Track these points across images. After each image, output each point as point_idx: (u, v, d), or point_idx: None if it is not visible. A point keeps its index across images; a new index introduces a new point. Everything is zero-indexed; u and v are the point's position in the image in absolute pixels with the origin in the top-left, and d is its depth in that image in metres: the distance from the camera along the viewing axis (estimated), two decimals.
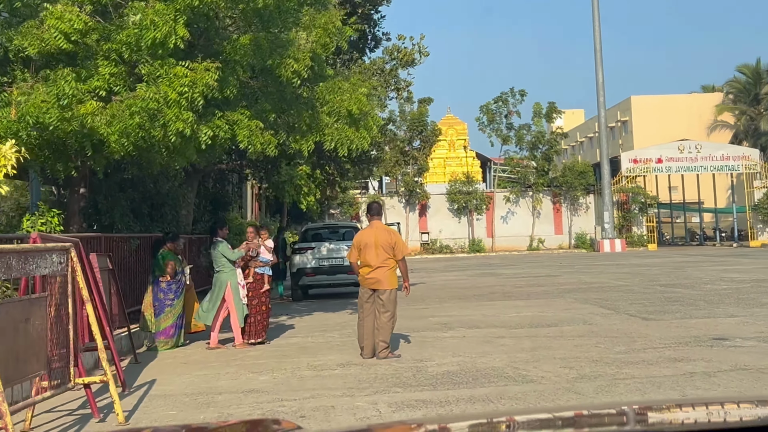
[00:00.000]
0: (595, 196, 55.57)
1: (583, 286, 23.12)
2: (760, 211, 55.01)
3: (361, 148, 13.49)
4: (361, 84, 14.13)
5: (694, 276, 25.56)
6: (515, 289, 23.02)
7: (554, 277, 27.33)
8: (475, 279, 28.37)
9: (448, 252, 53.09)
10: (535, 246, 54.11)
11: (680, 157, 55.52)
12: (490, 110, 56.12)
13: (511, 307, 17.58)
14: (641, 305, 16.84)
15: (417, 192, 53.70)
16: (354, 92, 13.42)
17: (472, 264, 40.07)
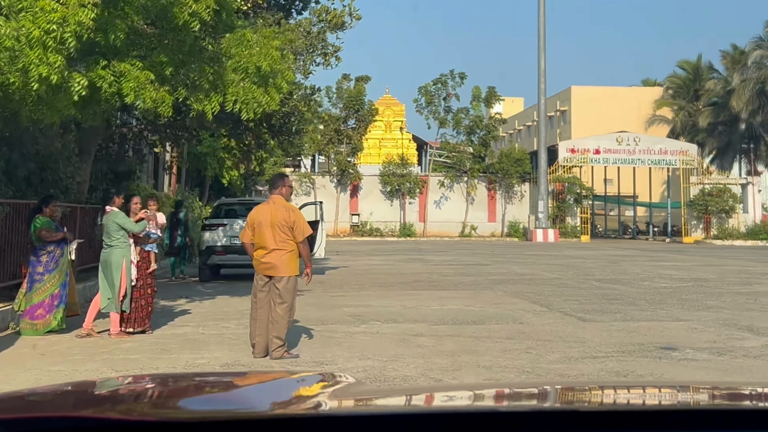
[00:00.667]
0: (530, 185, 54.45)
1: (515, 277, 21.67)
2: (695, 207, 54.41)
3: (268, 109, 11.67)
4: (274, 36, 12.30)
5: (631, 271, 24.31)
6: (442, 277, 21.48)
7: (484, 266, 25.89)
8: (402, 265, 26.80)
9: (378, 235, 51.50)
10: (468, 233, 52.79)
11: (618, 149, 54.65)
12: (429, 92, 54.60)
13: (435, 298, 16.01)
14: (577, 302, 15.39)
15: (349, 172, 51.95)
16: (265, 46, 11.60)
17: (401, 248, 38.54)
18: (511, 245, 44.66)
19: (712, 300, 15.95)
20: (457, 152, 54.15)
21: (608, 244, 49.33)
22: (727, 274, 23.18)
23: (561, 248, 41.02)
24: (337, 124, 51.90)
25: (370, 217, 52.42)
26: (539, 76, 53.07)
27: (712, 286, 19.06)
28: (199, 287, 18.76)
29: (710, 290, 18.07)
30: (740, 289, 18.52)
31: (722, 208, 53.82)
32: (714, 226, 54.47)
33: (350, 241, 47.95)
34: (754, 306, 14.91)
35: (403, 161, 53.33)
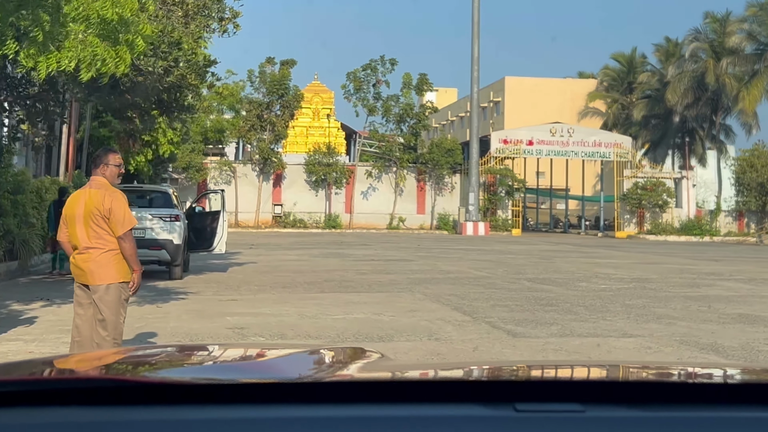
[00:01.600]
0: (461, 176, 52.46)
1: (439, 275, 19.47)
2: (628, 201, 53.01)
3: (117, 71, 9.18)
4: None
5: (566, 269, 22.30)
6: (358, 276, 19.16)
7: (408, 263, 23.65)
8: (319, 260, 24.44)
9: (302, 226, 48.97)
10: (396, 225, 50.57)
11: (552, 140, 52.96)
12: (358, 78, 52.23)
13: (342, 304, 13.70)
14: (506, 309, 13.22)
15: (272, 160, 49.29)
16: None
17: (323, 241, 36.15)
18: (440, 238, 42.59)
19: (660, 307, 13.89)
20: (386, 141, 51.89)
21: (540, 238, 47.60)
22: (669, 274, 21.28)
23: (491, 242, 39.06)
24: (260, 109, 49.22)
25: (294, 207, 49.87)
26: (472, 63, 51.10)
27: (657, 289, 17.07)
28: (71, 287, 16.13)
29: (655, 294, 16.06)
30: (688, 292, 16.55)
31: (656, 203, 52.54)
32: (647, 220, 53.18)
33: (271, 233, 45.42)
34: (711, 316, 12.86)
35: (330, 150, 50.89)
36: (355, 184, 51.16)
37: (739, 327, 11.82)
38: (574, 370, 2.38)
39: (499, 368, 2.27)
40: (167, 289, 15.59)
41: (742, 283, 18.82)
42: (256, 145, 49.82)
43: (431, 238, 43.42)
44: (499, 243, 38.30)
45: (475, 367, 2.32)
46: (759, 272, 22.77)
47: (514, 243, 38.69)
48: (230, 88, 49.43)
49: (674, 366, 2.66)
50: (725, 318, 12.67)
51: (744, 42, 55.00)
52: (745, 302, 14.94)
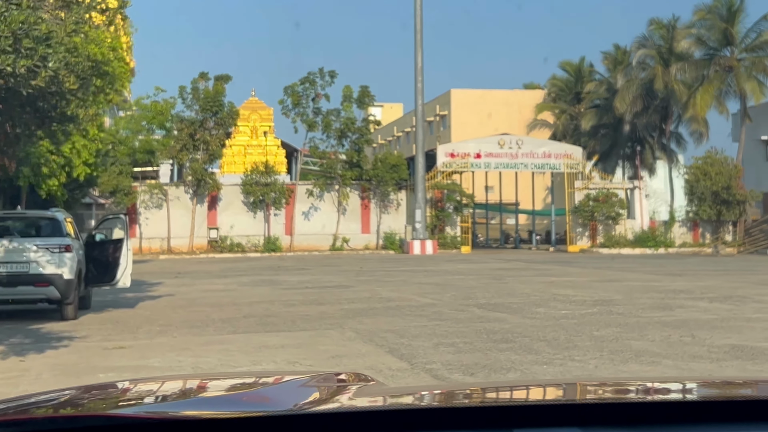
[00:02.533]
0: (407, 193, 50.17)
1: (378, 304, 17.07)
2: (580, 213, 51.12)
3: None
4: None
5: (520, 291, 20.03)
6: (285, 308, 16.69)
7: (345, 289, 21.21)
8: (246, 290, 21.90)
9: (240, 251, 46.20)
10: (339, 246, 48.03)
11: (500, 153, 50.97)
12: (296, 92, 49.70)
13: (253, 349, 11.25)
14: (453, 349, 10.87)
15: (206, 181, 46.52)
16: None
17: (259, 267, 33.55)
18: (386, 259, 40.20)
19: (636, 338, 11.64)
20: (327, 158, 49.42)
21: (490, 255, 45.48)
22: (634, 293, 19.11)
23: (439, 261, 36.81)
24: (193, 128, 46.48)
25: (231, 231, 47.09)
26: (416, 74, 48.96)
27: (626, 313, 14.85)
28: None
29: (625, 320, 13.83)
30: (662, 316, 14.35)
31: (609, 215, 50.70)
32: (600, 233, 51.36)
33: (205, 259, 42.68)
34: (700, 350, 10.61)
35: (268, 169, 48.26)
36: (295, 204, 48.57)
37: (737, 365, 9.59)
38: (570, 391, 2.24)
39: (496, 390, 2.25)
40: (48, 335, 13.00)
41: (719, 303, 16.68)
42: (188, 166, 47.04)
43: (376, 258, 41.02)
44: (447, 262, 36.05)
45: (472, 392, 2.21)
46: (730, 288, 20.71)
47: (463, 261, 36.47)
48: (159, 105, 46.63)
49: (675, 381, 2.52)
50: (716, 352, 10.44)
51: (692, 47, 53.58)
52: (731, 328, 12.76)
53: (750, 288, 20.45)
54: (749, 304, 16.50)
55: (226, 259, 42.18)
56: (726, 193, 49.35)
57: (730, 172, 49.74)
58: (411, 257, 42.28)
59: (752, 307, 15.90)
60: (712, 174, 49.53)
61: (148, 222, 46.72)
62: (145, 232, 46.69)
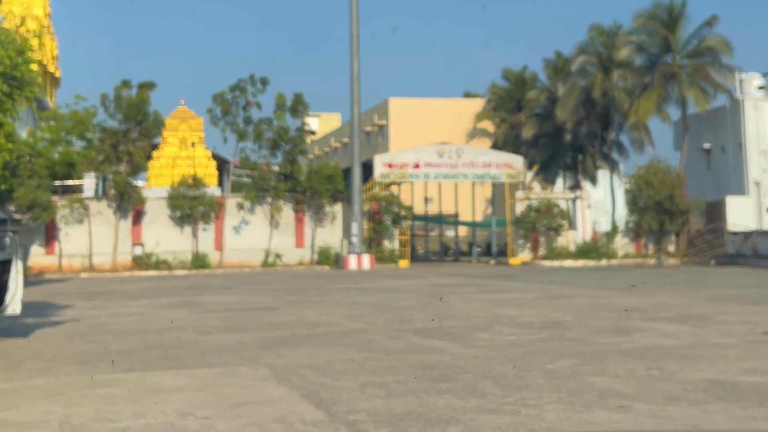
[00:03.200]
0: (343, 205, 48.33)
1: (303, 331, 15.19)
2: (521, 225, 49.77)
3: None
4: None
5: (461, 312, 18.30)
6: (197, 336, 14.74)
7: (270, 312, 19.28)
8: (161, 313, 19.85)
9: (166, 268, 43.85)
10: (272, 261, 45.92)
11: (439, 163, 49.44)
12: (226, 100, 47.69)
13: (143, 394, 9.30)
14: (382, 391, 9.05)
15: (130, 195, 44.13)
16: None
17: (183, 285, 31.40)
18: (320, 275, 38.27)
19: (596, 373, 9.93)
20: (258, 169, 47.35)
21: (429, 269, 43.84)
22: (584, 313, 17.51)
23: (376, 277, 35.03)
24: (115, 138, 44.11)
25: (157, 246, 44.73)
26: (352, 81, 47.22)
27: (579, 339, 13.19)
28: None
29: (581, 348, 12.15)
30: (621, 342, 12.71)
31: (550, 226, 49.43)
32: (542, 245, 50.07)
33: (128, 277, 40.31)
34: (673, 388, 8.90)
35: (196, 181, 46.04)
36: (225, 218, 46.42)
37: (722, 408, 7.91)
38: None
39: None
40: None
41: (678, 324, 15.11)
42: (111, 179, 44.63)
43: (310, 275, 39.08)
44: (384, 278, 34.28)
45: None
46: (685, 305, 19.23)
47: (401, 277, 34.71)
48: (80, 115, 44.21)
49: None
50: (693, 390, 8.77)
51: (633, 54, 52.70)
52: (701, 358, 11.14)
53: (706, 305, 18.97)
54: (711, 325, 14.96)
55: (151, 277, 39.87)
56: (669, 202, 48.42)
57: (673, 181, 48.82)
58: (346, 273, 40.44)
59: (716, 329, 14.36)
60: (655, 183, 48.55)
61: (69, 238, 44.21)
62: (65, 248, 44.17)
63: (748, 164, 51.62)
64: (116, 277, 40.39)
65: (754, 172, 51.42)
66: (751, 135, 51.53)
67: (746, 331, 13.92)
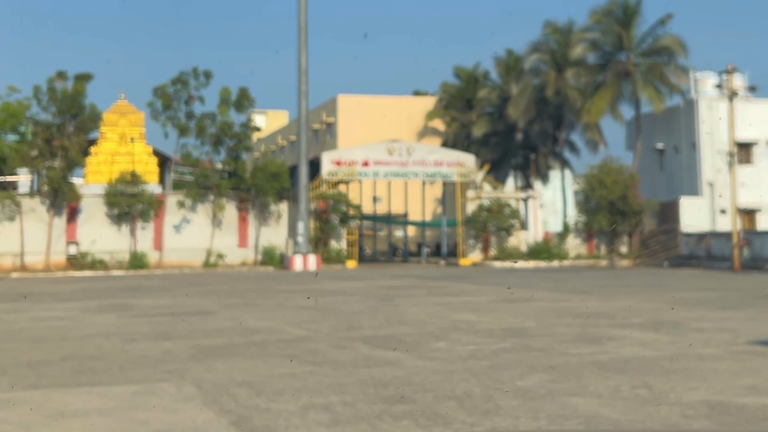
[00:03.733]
0: (289, 204, 46.68)
1: (240, 339, 13.65)
2: (472, 225, 48.53)
3: None
4: None
5: (414, 318, 16.89)
6: (121, 345, 13.13)
7: (206, 317, 17.70)
8: (87, 318, 18.15)
9: (102, 268, 41.80)
10: (213, 262, 44.10)
11: (390, 161, 48.01)
12: (167, 94, 45.77)
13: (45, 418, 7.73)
14: (327, 418, 7.56)
15: (64, 191, 42.02)
16: None
17: (118, 286, 29.58)
18: (264, 276, 36.62)
19: (575, 391, 8.55)
20: (201, 166, 45.52)
21: (378, 269, 42.46)
22: (546, 319, 16.21)
23: (322, 279, 33.52)
24: (49, 132, 42.02)
25: (93, 246, 42.66)
26: (300, 75, 45.52)
27: (547, 349, 11.83)
28: None
29: (551, 360, 10.79)
30: (595, 353, 11.38)
31: (502, 226, 48.27)
32: (493, 245, 48.91)
33: (61, 278, 38.28)
34: (670, 413, 7.53)
35: (135, 178, 44.08)
36: (165, 216, 44.50)
37: None
38: None
39: None
40: None
41: (652, 332, 13.84)
42: (45, 175, 42.49)
43: (253, 276, 37.42)
44: (331, 279, 32.79)
45: None
46: (653, 310, 18.04)
47: (348, 279, 33.23)
48: (12, 107, 42.03)
49: None
50: (693, 415, 7.43)
51: (587, 51, 51.84)
52: (690, 372, 9.84)
53: (675, 310, 17.77)
54: (688, 333, 13.72)
55: (85, 277, 37.90)
56: (622, 203, 47.59)
57: (626, 181, 48.01)
58: (291, 274, 38.88)
59: (695, 338, 13.11)
60: (608, 183, 47.69)
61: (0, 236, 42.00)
62: None
63: (701, 164, 50.95)
64: (49, 277, 38.38)
65: (707, 172, 50.78)
66: (705, 135, 50.88)
67: (728, 341, 12.69)
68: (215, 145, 45.92)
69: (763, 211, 51.36)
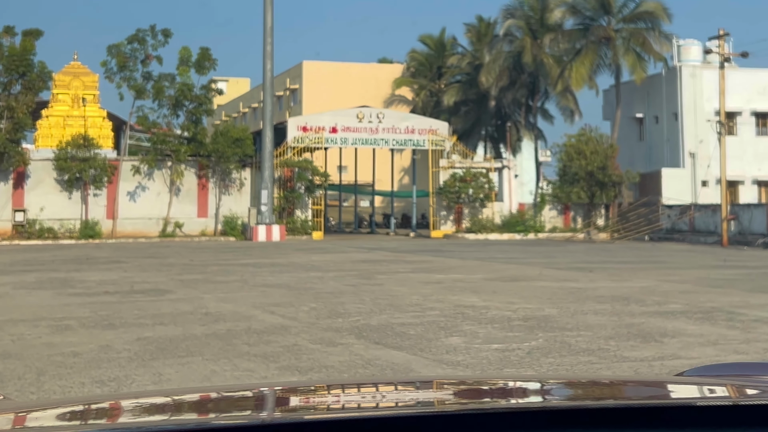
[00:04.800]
0: (252, 171, 43.92)
1: (199, 328, 11.07)
2: (445, 195, 46.07)
3: None
4: None
5: (406, 300, 14.37)
6: (46, 338, 10.47)
7: (159, 296, 15.05)
8: (18, 296, 15.46)
9: (52, 237, 38.88)
10: (171, 231, 41.25)
11: (359, 127, 45.36)
12: (122, 53, 42.63)
13: None
14: None
15: (11, 155, 38.95)
16: None
17: (64, 257, 26.72)
18: (225, 248, 33.91)
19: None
20: (158, 130, 42.60)
21: (346, 241, 40.03)
22: (565, 303, 13.79)
23: (288, 250, 30.95)
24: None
25: (41, 213, 39.63)
26: (265, 35, 42.61)
27: (597, 351, 9.36)
28: None
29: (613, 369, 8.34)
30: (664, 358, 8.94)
31: (476, 197, 45.88)
32: (466, 217, 46.54)
33: (6, 247, 35.30)
34: None
35: (87, 142, 41.07)
36: (119, 183, 41.51)
37: None
38: None
39: None
40: None
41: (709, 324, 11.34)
42: None
43: (213, 247, 34.69)
44: (298, 252, 30.20)
45: None
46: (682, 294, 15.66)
47: (317, 251, 30.64)
48: None
49: None
50: None
51: (566, 16, 49.45)
52: None
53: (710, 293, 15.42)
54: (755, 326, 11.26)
55: (31, 247, 34.96)
56: (601, 173, 45.41)
57: (606, 151, 45.84)
58: (255, 245, 36.24)
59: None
60: (587, 153, 45.47)
61: None
62: None
63: (683, 135, 48.90)
64: None
65: (689, 143, 48.73)
66: (687, 104, 48.79)
67: None
68: (174, 108, 42.96)
69: (745, 183, 49.57)
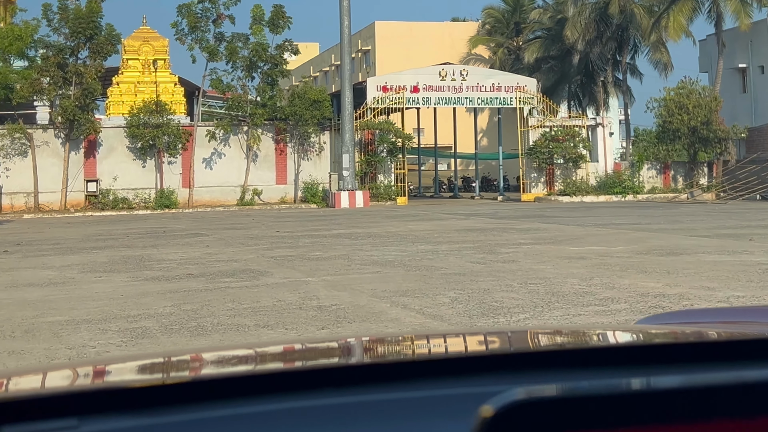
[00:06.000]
0: (332, 134, 41.64)
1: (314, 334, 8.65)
2: (535, 156, 43.23)
3: None
4: None
5: (566, 288, 11.74)
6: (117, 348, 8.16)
7: (253, 281, 12.61)
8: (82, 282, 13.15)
9: (126, 207, 37.17)
10: (249, 200, 39.27)
11: (441, 86, 42.72)
12: (193, 13, 40.52)
13: None
14: None
15: (81, 122, 37.22)
16: None
17: (139, 231, 24.61)
18: (308, 216, 31.62)
19: None
20: (233, 93, 40.51)
21: (432, 207, 37.57)
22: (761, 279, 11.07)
23: (377, 218, 28.56)
24: (61, 56, 37.10)
25: (115, 183, 37.88)
26: None
27: None
28: None
29: None
30: None
31: (570, 157, 42.95)
32: (558, 179, 43.67)
33: (78, 218, 33.53)
34: None
35: (160, 107, 39.15)
36: (194, 149, 39.56)
37: None
38: None
39: None
40: None
41: None
42: (58, 104, 37.64)
43: (296, 215, 32.43)
44: (389, 219, 27.76)
45: None
46: None
47: (410, 218, 28.16)
48: (18, 29, 37.10)
49: None
50: None
51: None
52: None
53: None
54: None
55: (106, 218, 33.19)
56: (705, 129, 42.11)
57: (710, 104, 42.46)
58: (339, 212, 33.97)
59: None
60: (689, 107, 42.16)
61: (10, 173, 37.52)
62: (6, 185, 37.48)
63: None
64: (65, 218, 33.77)
65: None
66: None
67: None
68: (248, 69, 40.82)
69: None
